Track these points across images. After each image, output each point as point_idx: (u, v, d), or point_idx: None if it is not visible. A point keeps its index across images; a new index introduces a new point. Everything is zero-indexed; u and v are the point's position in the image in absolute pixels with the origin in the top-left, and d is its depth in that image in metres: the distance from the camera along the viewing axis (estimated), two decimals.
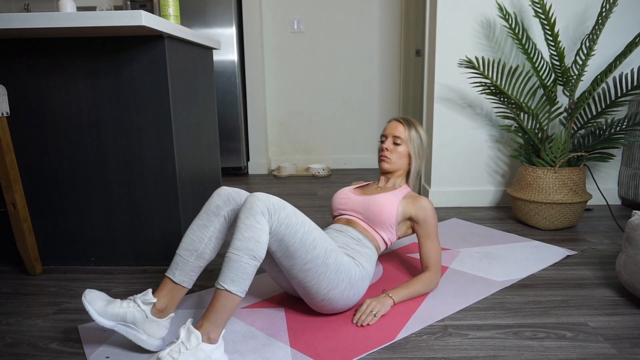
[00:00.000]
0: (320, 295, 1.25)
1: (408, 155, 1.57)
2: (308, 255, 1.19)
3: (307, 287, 1.24)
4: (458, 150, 2.49)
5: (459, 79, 2.42)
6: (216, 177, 2.24)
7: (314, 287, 1.24)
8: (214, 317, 1.08)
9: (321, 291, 1.24)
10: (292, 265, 1.20)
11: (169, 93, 1.62)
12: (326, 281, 1.24)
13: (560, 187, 2.05)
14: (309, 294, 1.26)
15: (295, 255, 1.18)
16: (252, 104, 3.49)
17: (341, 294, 1.27)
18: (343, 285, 1.27)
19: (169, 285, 1.23)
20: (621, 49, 2.35)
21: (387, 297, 1.37)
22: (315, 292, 1.25)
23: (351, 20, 3.55)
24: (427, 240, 1.48)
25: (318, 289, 1.24)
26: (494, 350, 1.17)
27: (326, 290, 1.25)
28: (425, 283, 1.45)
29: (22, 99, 1.66)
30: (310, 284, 1.23)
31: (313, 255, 1.20)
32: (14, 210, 1.60)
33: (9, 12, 3.70)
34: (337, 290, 1.26)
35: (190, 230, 1.26)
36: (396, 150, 1.55)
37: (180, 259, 1.23)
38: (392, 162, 1.55)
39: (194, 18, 3.19)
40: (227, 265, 1.10)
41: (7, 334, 1.29)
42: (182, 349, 1.04)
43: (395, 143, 1.56)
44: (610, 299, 1.44)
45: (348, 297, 1.30)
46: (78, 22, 1.40)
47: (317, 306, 1.30)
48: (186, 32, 1.72)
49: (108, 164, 1.69)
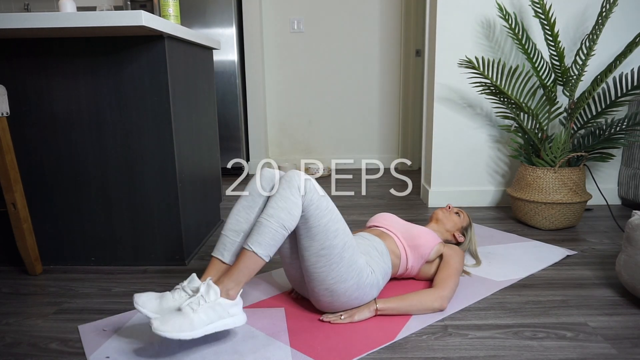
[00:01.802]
0: (325, 284, 1.25)
1: (457, 232, 1.67)
2: (327, 241, 1.22)
3: (316, 272, 1.24)
4: (458, 150, 2.49)
5: (459, 79, 2.42)
6: (216, 177, 2.24)
7: (322, 274, 1.24)
8: (235, 276, 1.15)
9: (328, 280, 1.24)
10: (309, 247, 1.22)
11: (169, 93, 1.62)
12: (336, 272, 1.24)
13: (560, 187, 2.05)
14: (315, 280, 1.26)
15: (315, 238, 1.21)
16: (252, 104, 3.49)
17: (345, 290, 1.27)
18: (351, 282, 1.26)
19: (217, 265, 1.28)
20: (621, 49, 2.35)
21: (370, 304, 1.33)
22: (322, 280, 1.25)
23: (351, 20, 3.55)
24: (445, 268, 1.44)
25: (325, 277, 1.24)
26: (494, 350, 1.17)
27: (333, 282, 1.24)
28: (424, 297, 1.34)
29: (22, 99, 1.66)
30: (320, 270, 1.23)
31: (331, 244, 1.22)
32: (14, 210, 1.60)
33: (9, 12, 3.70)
34: (343, 285, 1.26)
35: (235, 211, 1.31)
36: (452, 213, 1.69)
37: (228, 240, 1.29)
38: (444, 215, 1.67)
39: (194, 18, 3.19)
40: (258, 230, 1.16)
41: (7, 334, 1.29)
42: (201, 301, 1.10)
43: (456, 213, 1.70)
44: (610, 299, 1.44)
45: (350, 297, 1.29)
46: (78, 22, 1.40)
47: (317, 294, 1.29)
48: (186, 32, 1.72)
49: (108, 164, 1.69)
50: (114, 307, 1.44)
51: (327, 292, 1.27)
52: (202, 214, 2.00)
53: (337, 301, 1.29)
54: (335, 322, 1.30)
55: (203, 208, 2.01)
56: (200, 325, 1.09)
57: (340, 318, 1.30)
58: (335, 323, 1.30)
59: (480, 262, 1.69)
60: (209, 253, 1.89)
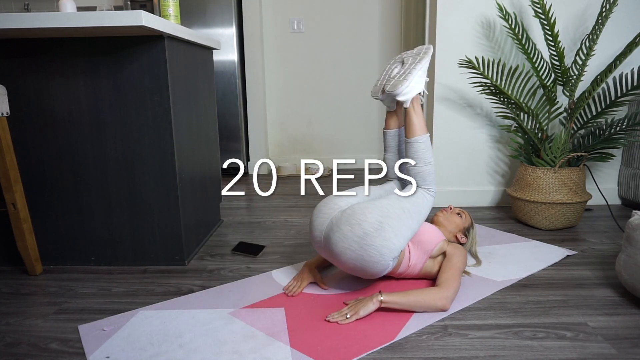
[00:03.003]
0: (383, 218, 1.35)
1: (460, 233, 1.68)
2: (414, 209, 1.43)
3: (386, 207, 1.38)
4: (458, 150, 2.49)
5: (459, 79, 2.42)
6: (216, 177, 2.24)
7: (390, 212, 1.37)
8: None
9: (388, 219, 1.36)
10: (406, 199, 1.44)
11: (169, 93, 1.62)
12: (398, 223, 1.37)
13: (560, 187, 2.05)
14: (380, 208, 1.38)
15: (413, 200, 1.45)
16: (252, 104, 3.49)
17: (388, 238, 1.34)
18: (396, 241, 1.35)
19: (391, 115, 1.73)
20: (621, 49, 2.35)
21: (374, 296, 1.33)
22: (385, 214, 1.36)
23: (351, 20, 3.55)
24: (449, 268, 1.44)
25: (389, 215, 1.37)
26: (494, 350, 1.17)
27: (389, 224, 1.35)
28: (428, 295, 1.35)
29: (22, 99, 1.66)
30: (394, 210, 1.38)
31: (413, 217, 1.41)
32: (14, 210, 1.60)
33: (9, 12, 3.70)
34: (391, 234, 1.34)
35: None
36: (454, 214, 1.71)
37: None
38: (445, 217, 1.69)
39: (194, 18, 3.19)
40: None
41: (7, 334, 1.29)
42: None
43: (458, 214, 1.71)
44: (610, 299, 1.44)
45: (381, 250, 1.33)
46: (78, 22, 1.40)
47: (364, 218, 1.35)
48: (186, 32, 1.72)
49: (108, 164, 1.69)
50: (114, 307, 1.44)
51: (377, 224, 1.34)
52: (202, 214, 2.00)
53: (369, 240, 1.33)
54: (342, 323, 1.30)
55: (203, 208, 2.01)
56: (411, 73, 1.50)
57: (346, 317, 1.30)
58: (342, 323, 1.30)
59: (480, 262, 1.69)
60: (209, 253, 1.89)
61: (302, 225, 2.25)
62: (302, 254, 1.86)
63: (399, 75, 1.54)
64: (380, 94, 1.61)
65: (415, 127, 1.53)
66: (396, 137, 1.70)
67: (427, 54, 1.57)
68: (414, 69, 1.53)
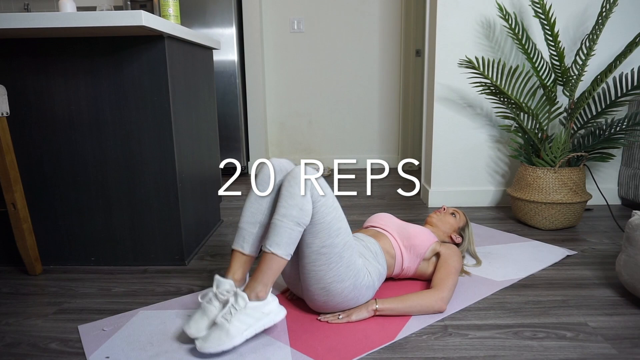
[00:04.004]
0: (322, 283, 1.25)
1: (454, 233, 1.65)
2: (329, 239, 1.23)
3: (314, 270, 1.24)
4: (458, 150, 2.49)
5: (459, 79, 2.42)
6: (216, 177, 2.24)
7: (320, 272, 1.24)
8: (260, 278, 1.18)
9: (325, 279, 1.24)
10: (311, 243, 1.23)
11: (169, 93, 1.62)
12: (334, 271, 1.24)
13: (560, 187, 2.05)
14: (312, 278, 1.25)
15: (318, 235, 1.22)
16: (252, 104, 3.49)
17: (342, 290, 1.27)
18: (348, 282, 1.26)
19: (238, 257, 1.32)
20: (621, 49, 2.35)
21: (370, 304, 1.33)
22: (319, 279, 1.25)
23: (351, 20, 3.55)
24: (444, 268, 1.43)
25: (323, 276, 1.24)
26: (494, 350, 1.17)
27: (330, 281, 1.24)
28: (423, 298, 1.33)
29: (22, 99, 1.66)
30: (318, 268, 1.24)
31: (333, 242, 1.23)
32: (14, 210, 1.60)
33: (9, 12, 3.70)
34: (339, 285, 1.26)
35: (248, 205, 1.33)
36: (448, 215, 1.67)
37: (245, 232, 1.32)
38: (439, 218, 1.66)
39: (194, 18, 3.19)
40: (274, 231, 1.19)
41: (7, 334, 1.29)
42: (232, 310, 1.14)
43: (452, 213, 1.68)
44: (610, 299, 1.44)
45: (346, 297, 1.29)
46: (78, 22, 1.40)
47: (312, 293, 1.28)
48: (186, 32, 1.72)
49: (108, 164, 1.69)
50: (114, 307, 1.44)
51: (323, 292, 1.26)
52: (202, 214, 2.00)
53: (332, 301, 1.28)
54: (333, 322, 1.30)
55: (203, 208, 2.01)
56: (238, 333, 1.14)
57: (338, 318, 1.31)
58: (333, 323, 1.30)
59: (480, 262, 1.69)
60: (209, 253, 1.89)
61: None
62: None
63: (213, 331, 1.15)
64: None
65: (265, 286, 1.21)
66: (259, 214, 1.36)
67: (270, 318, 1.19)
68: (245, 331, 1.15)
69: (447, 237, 1.65)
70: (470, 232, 1.69)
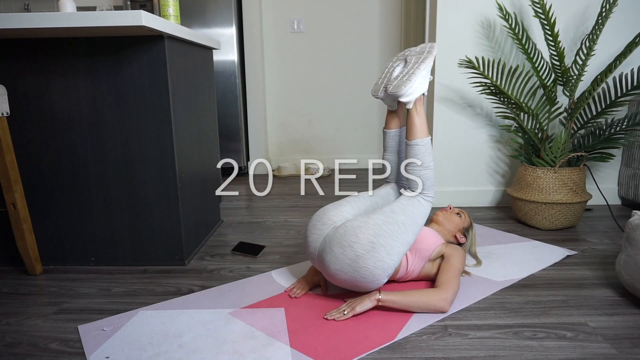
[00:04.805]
0: (376, 238, 1.31)
1: (459, 233, 1.68)
2: (408, 223, 1.38)
3: (380, 225, 1.34)
4: (458, 150, 2.49)
5: (459, 79, 2.42)
6: (216, 177, 2.25)
7: (383, 230, 1.33)
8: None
9: (380, 238, 1.32)
10: (398, 211, 1.39)
11: (169, 93, 1.62)
12: (392, 241, 1.33)
13: (560, 187, 2.05)
14: (372, 227, 1.33)
15: (406, 211, 1.40)
16: (252, 104, 3.49)
17: (379, 260, 1.31)
18: (389, 260, 1.32)
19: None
20: (621, 49, 2.35)
21: (373, 294, 1.33)
22: (377, 234, 1.32)
23: (351, 20, 3.55)
24: (448, 269, 1.43)
25: (383, 234, 1.32)
26: (494, 350, 1.17)
27: (382, 243, 1.32)
28: (427, 296, 1.34)
29: (22, 99, 1.66)
30: (386, 227, 1.34)
31: (408, 230, 1.38)
32: (14, 210, 1.60)
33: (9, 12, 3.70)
34: (384, 254, 1.31)
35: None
36: (454, 214, 1.70)
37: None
38: (445, 217, 1.69)
39: (194, 18, 3.19)
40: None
41: (7, 334, 1.29)
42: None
43: (457, 214, 1.71)
44: (610, 299, 1.44)
45: (373, 271, 1.31)
46: (78, 22, 1.40)
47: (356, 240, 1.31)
48: (186, 32, 1.72)
49: (108, 164, 1.69)
50: (114, 307, 1.44)
51: (368, 245, 1.30)
52: (202, 214, 2.00)
53: (363, 263, 1.30)
54: (339, 319, 1.30)
55: (203, 208, 2.01)
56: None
57: (343, 313, 1.31)
58: (339, 320, 1.30)
59: (480, 262, 1.69)
60: (209, 253, 1.89)
61: (302, 225, 2.25)
62: (302, 254, 1.86)
63: (402, 75, 1.49)
64: (382, 93, 1.56)
65: (417, 129, 1.48)
66: (396, 138, 1.69)
67: (432, 52, 1.52)
68: (417, 69, 1.47)
69: (451, 236, 1.66)
70: (474, 233, 1.70)
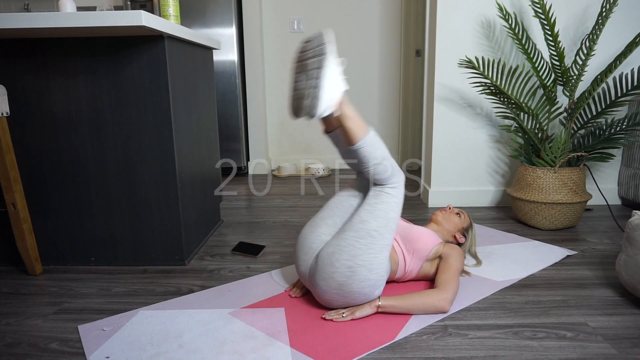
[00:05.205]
0: (353, 261, 1.28)
1: (458, 233, 1.66)
2: (384, 229, 1.31)
3: (354, 245, 1.29)
4: (458, 150, 2.49)
5: (459, 79, 2.42)
6: (216, 177, 2.25)
7: (358, 250, 1.28)
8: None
9: (357, 259, 1.28)
10: (367, 221, 1.31)
11: (169, 93, 1.62)
12: (370, 257, 1.28)
13: (560, 187, 2.05)
14: (346, 252, 1.28)
15: (377, 218, 1.31)
16: (252, 104, 3.49)
17: (363, 280, 1.28)
18: (373, 276, 1.29)
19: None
20: (621, 49, 2.35)
21: (373, 301, 1.33)
22: (353, 255, 1.28)
23: (351, 20, 3.55)
24: (447, 269, 1.43)
25: (359, 254, 1.28)
26: (494, 350, 1.17)
27: (361, 263, 1.28)
28: (426, 297, 1.34)
29: (22, 99, 1.66)
30: (359, 244, 1.29)
31: (383, 235, 1.31)
32: (14, 210, 1.60)
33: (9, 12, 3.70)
34: (366, 273, 1.28)
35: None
36: (453, 214, 1.68)
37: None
38: (444, 217, 1.67)
39: (194, 18, 3.19)
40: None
41: (7, 334, 1.29)
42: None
43: (457, 214, 1.69)
44: (610, 299, 1.44)
45: (361, 291, 1.29)
46: (78, 22, 1.40)
47: (334, 270, 1.28)
48: (186, 32, 1.72)
49: (108, 164, 1.69)
50: (114, 307, 1.44)
51: (348, 271, 1.27)
52: (202, 214, 2.00)
53: (347, 287, 1.28)
54: (337, 320, 1.30)
55: (203, 208, 2.01)
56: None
57: (342, 316, 1.31)
58: (337, 321, 1.30)
59: (480, 262, 1.69)
60: (209, 253, 1.89)
61: (302, 225, 2.25)
62: None
63: (307, 90, 1.24)
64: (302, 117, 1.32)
65: (353, 132, 1.30)
66: (339, 136, 1.51)
67: (328, 47, 1.25)
68: (322, 77, 1.23)
69: (450, 236, 1.65)
70: (474, 233, 1.70)
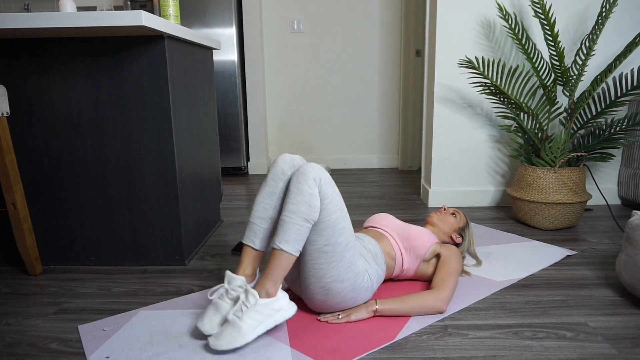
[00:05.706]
0: (322, 281, 1.25)
1: (454, 233, 1.64)
2: (333, 238, 1.23)
3: (315, 268, 1.24)
4: (458, 150, 2.49)
5: (459, 79, 2.42)
6: (216, 177, 2.24)
7: (321, 271, 1.24)
8: (270, 274, 1.19)
9: (325, 278, 1.25)
10: (314, 241, 1.23)
11: (169, 93, 1.62)
12: (335, 270, 1.24)
13: (560, 187, 2.05)
14: (312, 277, 1.25)
15: (322, 233, 1.23)
16: (252, 104, 3.49)
17: (341, 290, 1.27)
18: (347, 283, 1.27)
19: (249, 253, 1.32)
20: (621, 49, 2.35)
21: (370, 304, 1.33)
22: (320, 277, 1.25)
23: (351, 21, 3.55)
24: (444, 269, 1.43)
25: (324, 274, 1.24)
26: (494, 350, 1.17)
27: (330, 280, 1.25)
28: (423, 299, 1.34)
29: (22, 99, 1.66)
30: (319, 266, 1.24)
31: (336, 241, 1.24)
32: (14, 210, 1.60)
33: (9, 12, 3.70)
34: (339, 285, 1.26)
35: (259, 199, 1.33)
36: (448, 215, 1.66)
37: (256, 227, 1.32)
38: (439, 218, 1.66)
39: (194, 18, 3.19)
40: (282, 228, 1.19)
41: (7, 334, 1.29)
42: (243, 308, 1.16)
43: (452, 214, 1.67)
44: (610, 299, 1.44)
45: (345, 298, 1.29)
46: (78, 22, 1.40)
47: (311, 292, 1.28)
48: (186, 32, 1.72)
49: (108, 164, 1.69)
50: (114, 307, 1.44)
51: (323, 291, 1.26)
52: (202, 214, 2.00)
53: (330, 300, 1.28)
54: (333, 322, 1.30)
55: (203, 208, 2.01)
56: (250, 330, 1.15)
57: (337, 318, 1.31)
58: (333, 323, 1.30)
59: (480, 262, 1.69)
60: (209, 253, 1.89)
61: None
62: None
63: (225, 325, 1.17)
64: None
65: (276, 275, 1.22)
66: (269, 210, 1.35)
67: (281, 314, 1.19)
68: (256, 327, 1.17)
69: (447, 237, 1.65)
70: (471, 232, 1.69)
